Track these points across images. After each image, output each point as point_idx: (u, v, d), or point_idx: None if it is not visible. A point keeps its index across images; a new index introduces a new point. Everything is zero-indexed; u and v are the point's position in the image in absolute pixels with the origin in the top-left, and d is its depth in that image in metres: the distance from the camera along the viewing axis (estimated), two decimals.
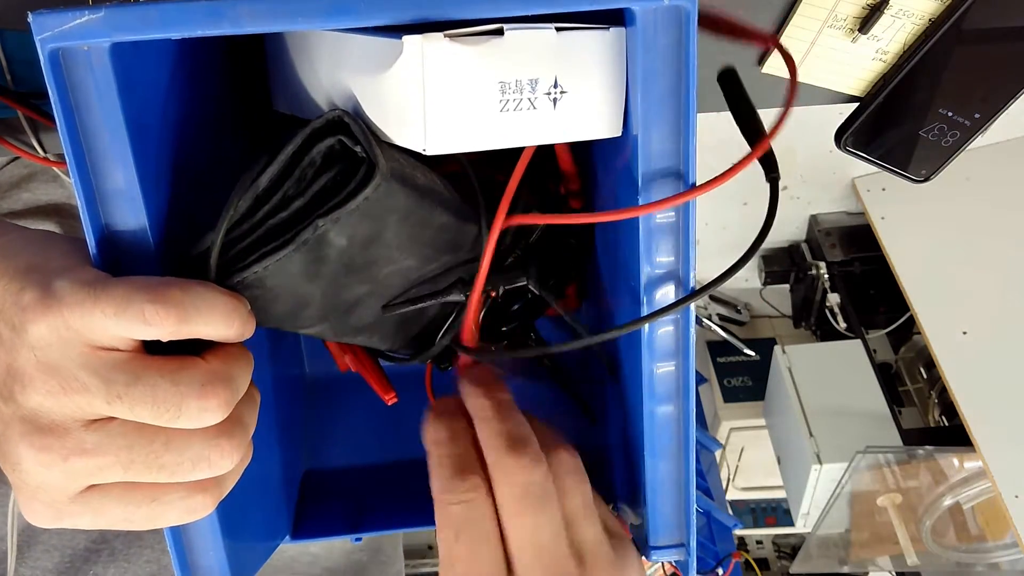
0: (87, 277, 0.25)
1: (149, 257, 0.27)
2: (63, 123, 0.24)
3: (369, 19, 0.23)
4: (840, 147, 0.44)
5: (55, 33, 0.23)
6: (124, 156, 0.25)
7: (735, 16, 0.27)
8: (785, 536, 2.27)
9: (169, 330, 0.25)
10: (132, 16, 0.23)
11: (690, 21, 0.24)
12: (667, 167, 0.27)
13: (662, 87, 0.25)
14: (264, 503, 0.39)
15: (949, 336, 1.28)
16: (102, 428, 0.25)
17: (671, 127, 0.26)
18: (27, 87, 0.40)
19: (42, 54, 0.23)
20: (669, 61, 0.25)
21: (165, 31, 0.23)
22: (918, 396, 1.55)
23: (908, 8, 0.39)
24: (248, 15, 0.23)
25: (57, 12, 0.22)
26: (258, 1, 0.23)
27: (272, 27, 0.23)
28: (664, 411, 0.31)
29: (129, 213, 0.26)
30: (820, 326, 1.75)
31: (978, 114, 0.42)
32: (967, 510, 1.39)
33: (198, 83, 0.33)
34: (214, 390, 0.25)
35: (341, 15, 0.23)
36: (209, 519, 0.30)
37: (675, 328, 0.29)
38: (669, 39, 0.25)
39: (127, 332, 0.24)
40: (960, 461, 1.35)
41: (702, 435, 1.29)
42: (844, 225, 1.67)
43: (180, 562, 0.31)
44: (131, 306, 0.24)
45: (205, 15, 0.23)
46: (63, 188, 0.50)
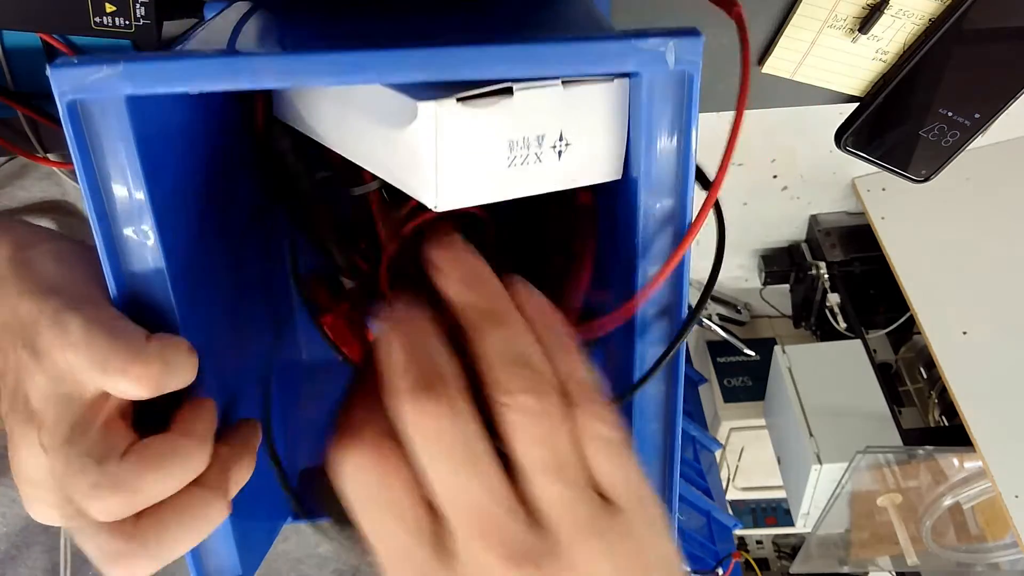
0: (93, 318, 0.26)
1: (166, 296, 0.27)
2: (82, 170, 0.25)
3: (385, 79, 0.24)
4: (840, 147, 0.44)
5: (73, 86, 0.23)
6: (142, 200, 0.26)
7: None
8: (785, 536, 2.27)
9: (138, 396, 0.26)
10: (150, 71, 0.23)
11: (693, 84, 0.25)
12: (666, 213, 0.28)
13: (665, 139, 0.27)
14: (267, 485, 0.40)
15: (949, 336, 1.28)
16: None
17: (671, 175, 0.27)
18: (27, 87, 0.40)
19: (60, 106, 0.23)
20: (672, 118, 0.26)
21: (183, 86, 0.23)
22: (918, 396, 1.55)
23: (908, 8, 0.39)
24: (266, 71, 0.23)
25: (75, 66, 0.23)
26: (275, 58, 0.23)
27: (289, 83, 0.24)
28: (651, 428, 0.31)
29: (147, 256, 0.27)
30: (820, 326, 1.75)
31: (978, 114, 0.42)
32: (967, 510, 1.39)
33: (213, 118, 0.34)
34: (100, 493, 0.25)
35: (358, 74, 0.23)
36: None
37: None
38: (674, 99, 0.26)
39: (103, 386, 0.25)
40: (960, 461, 1.35)
41: (702, 435, 1.29)
42: (844, 225, 1.67)
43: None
44: (109, 370, 0.25)
45: (223, 70, 0.23)
46: (58, 185, 0.50)
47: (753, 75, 0.43)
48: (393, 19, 0.34)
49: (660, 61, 0.24)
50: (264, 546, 0.38)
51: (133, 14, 0.34)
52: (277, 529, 0.42)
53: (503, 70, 0.24)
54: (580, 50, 0.23)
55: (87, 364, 0.25)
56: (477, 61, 0.23)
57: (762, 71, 0.42)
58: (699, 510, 1.19)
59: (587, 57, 0.23)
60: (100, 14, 0.34)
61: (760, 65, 0.42)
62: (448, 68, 0.23)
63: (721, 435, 1.85)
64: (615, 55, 0.23)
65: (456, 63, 0.23)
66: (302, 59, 0.23)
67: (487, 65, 0.23)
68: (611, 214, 0.33)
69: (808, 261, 1.69)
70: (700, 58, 0.24)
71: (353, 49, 0.23)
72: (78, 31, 0.34)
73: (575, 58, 0.23)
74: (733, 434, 1.87)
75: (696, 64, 0.24)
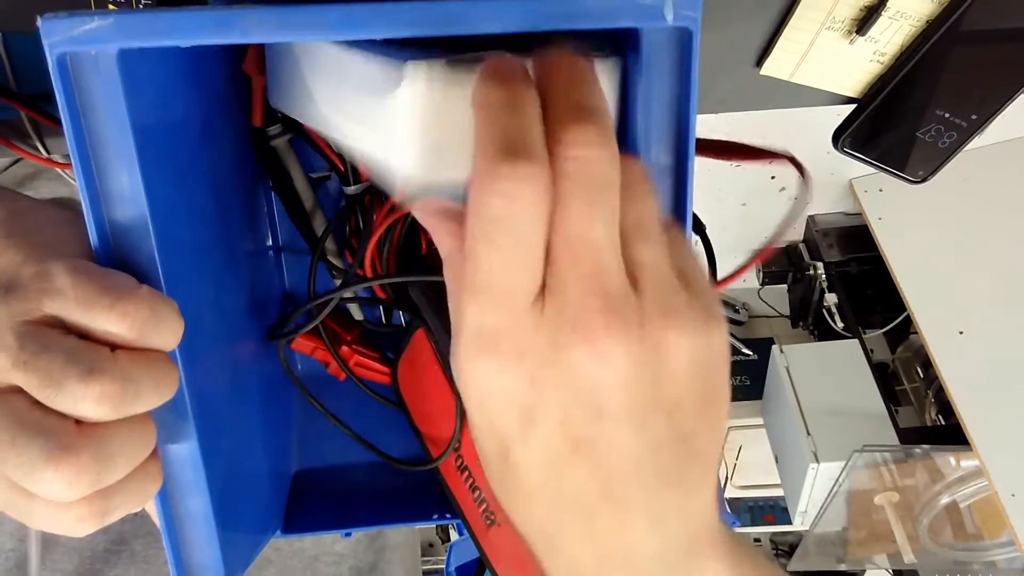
0: (79, 264, 0.25)
1: (151, 256, 0.27)
2: (69, 126, 0.24)
3: (378, 33, 0.23)
4: (838, 148, 0.44)
5: (64, 38, 0.23)
6: (129, 159, 0.25)
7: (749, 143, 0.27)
8: (783, 534, 2.27)
9: (124, 337, 0.25)
10: (141, 23, 0.23)
11: (692, 40, 0.24)
12: (666, 184, 0.27)
13: (663, 106, 0.26)
14: (256, 497, 0.40)
15: (946, 336, 1.28)
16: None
17: (670, 144, 0.27)
18: (31, 89, 0.40)
19: (50, 58, 0.23)
20: (671, 81, 0.25)
21: (174, 39, 0.23)
22: (915, 395, 1.55)
23: (905, 10, 0.40)
24: (257, 25, 0.23)
25: (66, 17, 0.22)
26: (268, 12, 0.23)
27: (281, 38, 0.23)
28: None
29: (132, 214, 0.26)
30: (817, 326, 1.75)
31: (975, 115, 0.42)
32: (964, 508, 1.39)
33: (202, 84, 0.34)
34: (99, 378, 0.24)
35: (350, 28, 0.23)
36: (204, 510, 0.30)
37: None
38: (672, 59, 0.25)
39: (83, 323, 0.25)
40: (957, 460, 1.35)
41: None
42: (841, 225, 1.67)
43: (173, 551, 0.31)
44: (95, 305, 0.24)
45: (215, 24, 0.23)
46: (68, 187, 0.50)
47: (751, 76, 0.43)
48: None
49: (658, 16, 0.23)
50: (248, 558, 0.37)
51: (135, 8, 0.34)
52: (263, 543, 0.41)
53: (498, 25, 0.23)
54: (577, 5, 0.23)
55: (72, 303, 0.24)
56: (472, 16, 0.23)
57: (760, 72, 0.43)
58: None
59: (585, 12, 0.23)
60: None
61: (758, 67, 0.43)
62: (442, 23, 0.23)
63: None
64: (613, 10, 0.23)
65: (451, 17, 0.23)
66: (294, 12, 0.23)
67: (483, 20, 0.23)
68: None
69: (806, 261, 1.69)
70: (699, 13, 0.23)
71: (345, 3, 0.23)
72: None
73: (573, 14, 0.23)
74: (731, 432, 1.87)
75: (695, 20, 0.23)
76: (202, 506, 0.30)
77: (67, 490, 0.24)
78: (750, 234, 1.75)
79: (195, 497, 0.30)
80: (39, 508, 0.25)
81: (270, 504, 0.42)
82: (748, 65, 0.43)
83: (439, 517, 0.44)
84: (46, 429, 0.24)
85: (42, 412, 0.24)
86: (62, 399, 0.24)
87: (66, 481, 0.24)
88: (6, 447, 0.24)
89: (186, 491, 0.30)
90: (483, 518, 0.42)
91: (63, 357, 0.24)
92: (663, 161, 0.27)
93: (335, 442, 0.46)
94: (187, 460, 0.29)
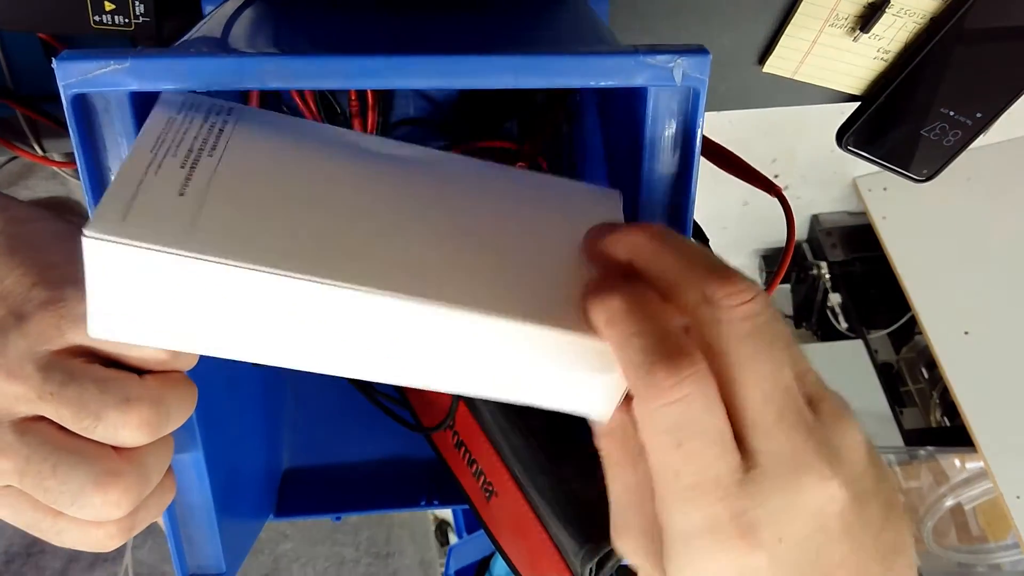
0: None
1: None
2: (83, 163, 0.25)
3: (392, 84, 0.23)
4: (841, 146, 0.44)
5: (79, 80, 0.23)
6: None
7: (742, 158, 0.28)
8: None
9: (157, 359, 0.25)
10: (157, 68, 0.23)
11: (699, 98, 0.25)
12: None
13: (666, 159, 0.27)
14: (253, 487, 0.42)
15: (951, 336, 1.27)
16: (24, 431, 0.24)
17: (672, 192, 0.27)
18: (28, 87, 0.40)
19: (65, 99, 0.23)
20: (675, 136, 0.26)
21: (188, 83, 0.23)
22: (919, 396, 1.54)
23: (909, 7, 0.39)
24: (272, 73, 0.23)
25: (82, 59, 0.22)
26: (284, 60, 0.23)
27: (296, 85, 0.23)
28: None
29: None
30: (821, 326, 1.74)
31: (980, 113, 0.42)
32: (968, 511, 1.39)
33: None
34: (137, 406, 0.25)
35: (365, 78, 0.23)
36: (204, 501, 0.31)
37: None
38: (678, 115, 0.26)
39: (115, 350, 0.25)
40: (962, 462, 1.35)
41: None
42: (845, 225, 1.67)
43: (176, 545, 0.32)
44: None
45: (231, 72, 0.23)
46: (63, 185, 0.50)
47: (754, 74, 0.43)
48: (391, 16, 0.34)
49: (667, 77, 0.24)
50: (246, 545, 0.38)
51: (132, 12, 0.34)
52: (259, 527, 0.42)
53: (511, 80, 0.24)
54: (590, 64, 0.24)
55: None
56: (486, 70, 0.23)
57: (763, 70, 0.42)
58: None
59: (596, 70, 0.24)
60: (99, 12, 0.34)
61: (761, 64, 0.42)
62: (457, 75, 0.23)
63: None
64: (623, 70, 0.24)
65: (465, 71, 0.23)
66: (309, 62, 0.23)
67: (496, 74, 0.23)
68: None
69: (809, 261, 1.68)
70: (707, 75, 0.24)
71: (360, 54, 0.23)
72: (78, 30, 0.34)
73: (585, 71, 0.24)
74: None
75: (703, 81, 0.24)
76: (203, 501, 0.31)
77: (115, 512, 0.25)
78: (751, 234, 1.74)
79: (197, 494, 0.31)
80: (72, 528, 0.26)
81: (264, 492, 0.44)
82: (751, 63, 0.42)
83: (427, 504, 0.45)
84: (89, 456, 0.25)
85: (77, 439, 0.25)
86: (102, 429, 0.25)
87: (115, 504, 0.25)
88: (46, 475, 0.24)
89: (189, 490, 0.31)
90: (482, 490, 0.43)
91: (95, 387, 0.24)
92: (662, 215, 0.28)
93: (327, 431, 0.48)
94: (191, 465, 0.31)
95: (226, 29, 0.31)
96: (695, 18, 0.41)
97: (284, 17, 0.34)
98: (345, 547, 0.55)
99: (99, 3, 0.34)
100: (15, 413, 0.24)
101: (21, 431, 0.24)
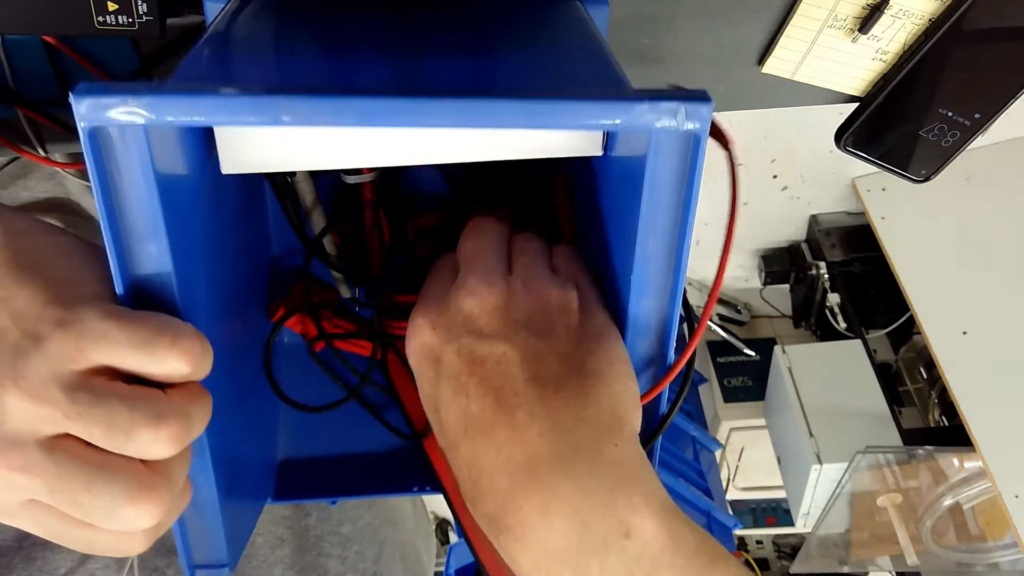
0: (112, 309, 0.26)
1: (172, 300, 0.28)
2: (100, 192, 0.25)
3: (412, 123, 0.24)
4: (840, 147, 0.44)
5: (96, 115, 0.23)
6: (156, 225, 0.26)
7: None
8: (785, 536, 2.27)
9: (181, 373, 0.26)
10: (174, 106, 0.23)
11: (699, 144, 0.26)
12: (659, 271, 0.29)
13: (665, 199, 0.28)
14: (252, 474, 0.42)
15: (949, 336, 1.28)
16: (52, 448, 0.25)
17: (668, 235, 0.28)
18: (30, 89, 0.40)
19: (82, 133, 0.23)
20: (675, 178, 0.27)
21: (206, 120, 0.23)
22: (918, 396, 1.55)
23: (908, 8, 0.39)
24: (289, 112, 0.23)
25: (99, 94, 0.23)
26: (305, 99, 0.23)
27: (315, 124, 0.23)
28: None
29: (158, 270, 0.27)
30: (820, 326, 1.75)
31: (978, 114, 0.42)
32: (967, 510, 1.39)
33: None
34: (167, 422, 0.25)
35: (385, 118, 0.23)
36: (209, 494, 0.32)
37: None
38: (678, 159, 0.27)
39: (140, 367, 0.26)
40: (960, 461, 1.35)
41: (702, 435, 1.29)
42: (844, 225, 1.67)
43: (182, 533, 0.33)
44: (156, 347, 0.25)
45: (250, 110, 0.23)
46: (61, 185, 0.50)
47: (753, 75, 0.43)
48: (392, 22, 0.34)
49: (670, 122, 0.25)
50: (246, 534, 0.39)
51: (136, 11, 0.34)
52: (258, 511, 0.44)
53: (518, 121, 0.24)
54: (597, 110, 0.24)
55: (126, 348, 0.25)
56: (506, 113, 0.24)
57: (762, 71, 0.42)
58: (699, 510, 1.19)
59: (602, 115, 0.24)
60: (103, 13, 0.34)
61: (760, 65, 0.42)
62: (476, 117, 0.24)
63: (721, 435, 1.84)
64: (628, 114, 0.24)
65: (486, 113, 0.24)
66: (329, 102, 0.23)
67: (517, 117, 0.24)
68: (604, 249, 0.34)
69: (808, 261, 1.69)
70: (708, 121, 0.25)
71: (373, 95, 0.23)
72: (81, 31, 0.34)
73: (590, 115, 0.24)
74: (733, 434, 1.87)
75: (704, 127, 0.25)
76: (208, 494, 0.32)
77: (148, 522, 0.26)
78: (751, 234, 1.75)
79: (202, 488, 0.32)
80: (104, 539, 0.27)
81: (263, 476, 0.46)
82: (750, 63, 0.43)
83: (419, 489, 0.47)
84: (122, 471, 0.26)
85: (106, 455, 0.26)
86: (133, 445, 0.25)
87: (148, 515, 0.26)
88: (79, 492, 0.25)
89: (195, 489, 0.32)
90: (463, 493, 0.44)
91: (123, 405, 0.25)
92: (659, 250, 0.29)
93: (323, 420, 0.48)
94: (198, 467, 0.31)
95: (233, 40, 0.31)
96: (694, 19, 0.41)
97: (287, 21, 0.34)
98: (331, 559, 0.55)
99: (102, 4, 0.34)
100: (41, 433, 0.25)
101: (49, 449, 0.25)
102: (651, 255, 0.29)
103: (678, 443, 1.26)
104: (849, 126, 0.43)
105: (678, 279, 0.29)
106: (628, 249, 0.29)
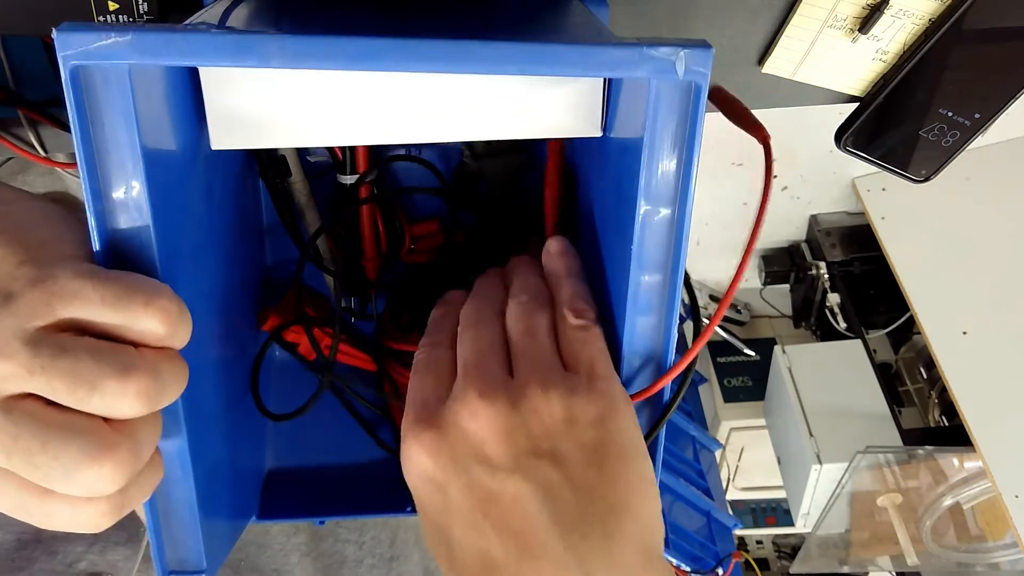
0: (86, 268, 0.25)
1: (152, 263, 0.27)
2: (79, 135, 0.24)
3: (398, 68, 0.23)
4: (840, 147, 0.44)
5: (79, 52, 0.22)
6: (135, 167, 0.25)
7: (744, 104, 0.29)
8: (785, 536, 2.27)
9: (157, 335, 0.25)
10: (158, 43, 0.22)
11: (700, 94, 0.25)
12: (662, 233, 0.28)
13: (665, 155, 0.27)
14: (236, 485, 0.41)
15: (949, 336, 1.28)
16: (10, 408, 0.24)
17: (671, 193, 0.27)
18: (30, 89, 0.40)
19: (63, 70, 0.23)
20: (676, 131, 0.26)
21: (189, 60, 0.23)
22: (918, 396, 1.55)
23: (908, 8, 0.39)
24: (277, 53, 0.22)
25: (83, 31, 0.22)
26: (288, 40, 0.23)
27: (297, 66, 0.23)
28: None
29: (137, 223, 0.26)
30: (820, 326, 1.75)
31: (978, 114, 0.42)
32: (967, 510, 1.39)
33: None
34: (135, 375, 0.24)
35: (368, 61, 0.23)
36: (188, 500, 0.31)
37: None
38: (680, 107, 0.26)
39: (112, 324, 0.25)
40: (960, 461, 1.35)
41: (702, 435, 1.29)
42: (844, 225, 1.67)
43: (157, 540, 0.31)
44: (130, 303, 0.24)
45: (233, 49, 0.23)
46: (60, 180, 0.50)
47: (753, 75, 0.43)
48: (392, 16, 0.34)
49: (670, 70, 0.24)
50: (227, 545, 0.38)
51: (136, 10, 0.34)
52: (241, 528, 0.42)
53: (516, 68, 0.24)
54: (593, 54, 0.24)
55: (98, 305, 0.24)
56: (492, 57, 0.23)
57: (762, 71, 0.42)
58: (699, 510, 1.19)
59: (599, 61, 0.24)
60: (103, 13, 0.34)
61: (760, 65, 0.42)
62: (462, 62, 0.23)
63: (721, 435, 1.85)
64: (627, 61, 0.24)
65: (471, 58, 0.23)
66: (312, 42, 0.23)
67: (502, 62, 0.23)
68: (605, 216, 0.33)
69: (808, 261, 1.69)
70: (709, 70, 0.24)
71: (365, 36, 0.23)
72: None
73: (588, 61, 0.24)
74: (733, 434, 1.87)
75: (704, 75, 0.24)
76: (186, 496, 0.30)
77: (108, 486, 0.24)
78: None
79: (180, 488, 0.30)
80: (61, 508, 0.25)
81: (247, 492, 0.44)
82: (749, 63, 0.43)
83: (412, 510, 0.44)
84: (81, 429, 0.24)
85: (68, 413, 0.24)
86: (98, 399, 0.24)
87: (109, 478, 0.24)
88: (35, 451, 0.24)
89: (172, 482, 0.30)
90: None
91: (89, 357, 0.24)
92: (661, 210, 0.28)
93: (311, 433, 0.47)
94: (175, 455, 0.30)
95: (225, 15, 0.31)
96: (694, 19, 0.41)
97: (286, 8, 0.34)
98: (348, 545, 0.55)
99: (103, 3, 0.34)
100: (2, 392, 0.24)
101: (7, 409, 0.24)
102: (651, 225, 0.28)
103: (678, 443, 1.26)
104: (849, 126, 0.43)
105: (679, 253, 0.28)
106: (628, 223, 0.28)
